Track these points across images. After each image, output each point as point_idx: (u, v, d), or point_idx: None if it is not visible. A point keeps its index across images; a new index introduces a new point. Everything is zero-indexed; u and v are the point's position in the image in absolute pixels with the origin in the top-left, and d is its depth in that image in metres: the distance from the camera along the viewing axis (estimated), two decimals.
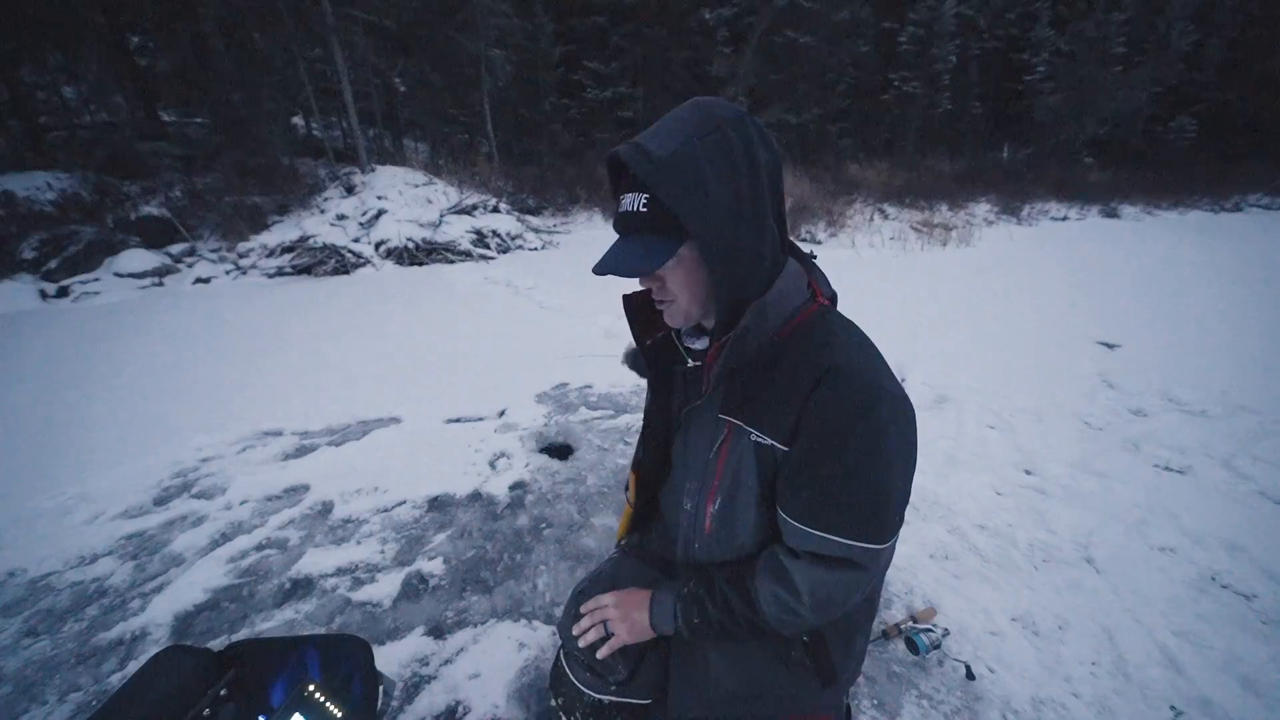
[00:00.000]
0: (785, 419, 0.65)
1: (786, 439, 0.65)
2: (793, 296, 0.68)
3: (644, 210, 0.61)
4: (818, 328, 0.68)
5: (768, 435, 0.66)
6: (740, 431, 0.69)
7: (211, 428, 2.61)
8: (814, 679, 0.77)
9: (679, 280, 0.66)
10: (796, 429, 0.64)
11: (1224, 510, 1.91)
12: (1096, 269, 6.31)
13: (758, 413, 0.68)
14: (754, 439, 0.68)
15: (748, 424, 0.68)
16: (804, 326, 0.68)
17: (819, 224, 8.86)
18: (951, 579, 1.61)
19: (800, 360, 0.65)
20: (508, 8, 10.27)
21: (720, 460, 0.72)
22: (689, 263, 0.64)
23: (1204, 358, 3.35)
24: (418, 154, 11.87)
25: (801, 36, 12.35)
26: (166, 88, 10.09)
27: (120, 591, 1.63)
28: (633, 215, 0.62)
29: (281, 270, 6.33)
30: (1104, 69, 14.56)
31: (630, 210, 0.62)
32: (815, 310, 0.70)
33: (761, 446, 0.68)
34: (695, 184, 0.57)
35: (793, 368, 0.65)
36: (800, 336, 0.67)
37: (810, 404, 0.62)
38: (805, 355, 0.65)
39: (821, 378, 0.62)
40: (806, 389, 0.63)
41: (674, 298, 0.67)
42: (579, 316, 4.47)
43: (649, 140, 0.59)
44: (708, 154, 0.57)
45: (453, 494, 2.07)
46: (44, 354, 3.88)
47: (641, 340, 0.82)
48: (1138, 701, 1.23)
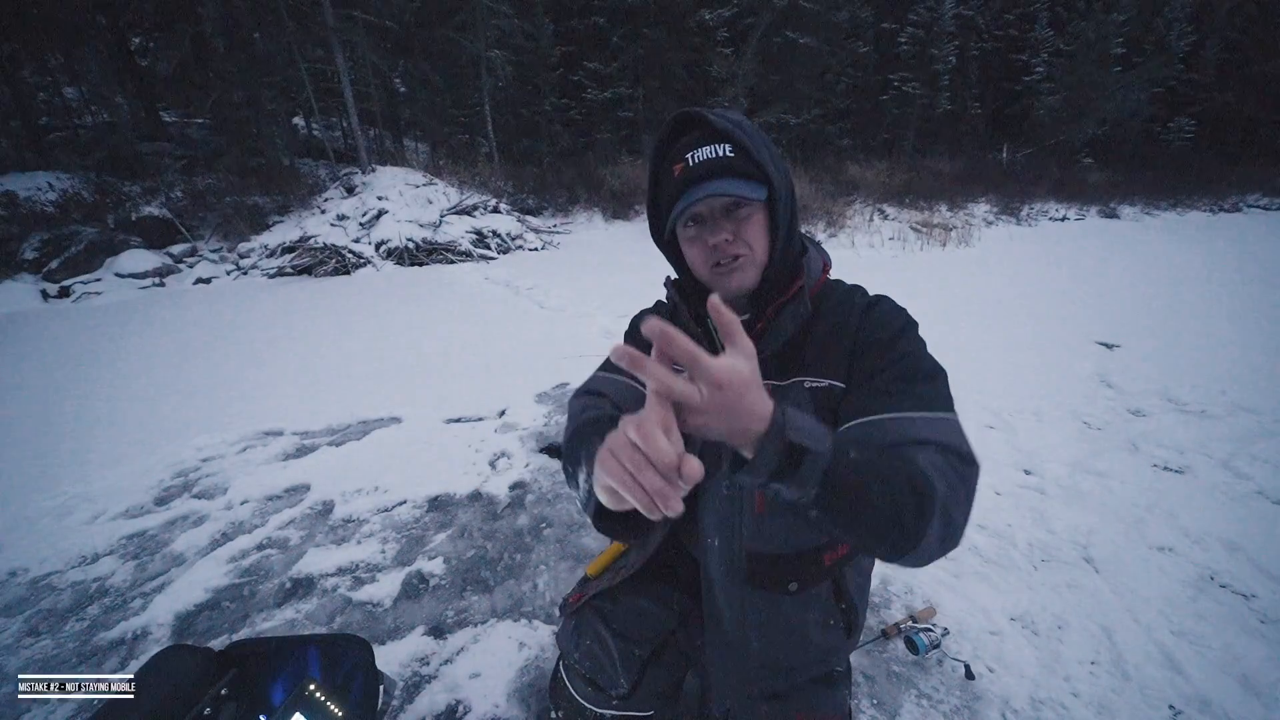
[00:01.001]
0: (838, 358, 0.69)
1: (843, 375, 0.68)
2: (814, 264, 0.76)
3: (732, 155, 0.65)
4: (837, 287, 0.77)
5: (823, 378, 0.69)
6: (785, 389, 0.70)
7: (212, 427, 2.62)
8: (843, 636, 0.80)
9: (757, 229, 0.68)
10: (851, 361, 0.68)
11: (1223, 510, 1.91)
12: (1096, 269, 6.32)
13: (806, 364, 0.71)
14: (809, 385, 0.69)
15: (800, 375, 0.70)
16: (826, 289, 0.76)
17: (819, 224, 8.87)
18: (951, 579, 1.62)
19: (838, 309, 0.73)
20: (508, 8, 10.28)
21: None
22: (761, 218, 0.68)
23: (1203, 358, 3.36)
24: (418, 154, 11.88)
25: (801, 37, 12.36)
26: (167, 88, 10.11)
27: (121, 591, 1.64)
28: (719, 160, 0.65)
29: (282, 270, 6.34)
30: (1103, 69, 14.58)
31: (715, 157, 0.65)
32: (825, 279, 0.78)
33: (819, 390, 0.69)
34: (766, 146, 0.67)
35: (833, 316, 0.72)
36: (827, 296, 0.75)
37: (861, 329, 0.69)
38: (841, 305, 0.73)
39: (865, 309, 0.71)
40: (854, 325, 0.70)
41: (748, 250, 0.68)
42: (579, 316, 4.47)
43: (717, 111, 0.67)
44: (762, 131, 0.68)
45: (453, 494, 2.07)
46: (45, 354, 3.88)
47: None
48: (1137, 701, 1.23)
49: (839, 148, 15.13)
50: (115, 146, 7.83)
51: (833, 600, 0.78)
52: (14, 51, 7.69)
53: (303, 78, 8.43)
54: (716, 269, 0.68)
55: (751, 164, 0.65)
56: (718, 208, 0.66)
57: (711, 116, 0.65)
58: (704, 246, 0.68)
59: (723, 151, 0.64)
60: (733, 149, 0.64)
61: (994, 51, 16.83)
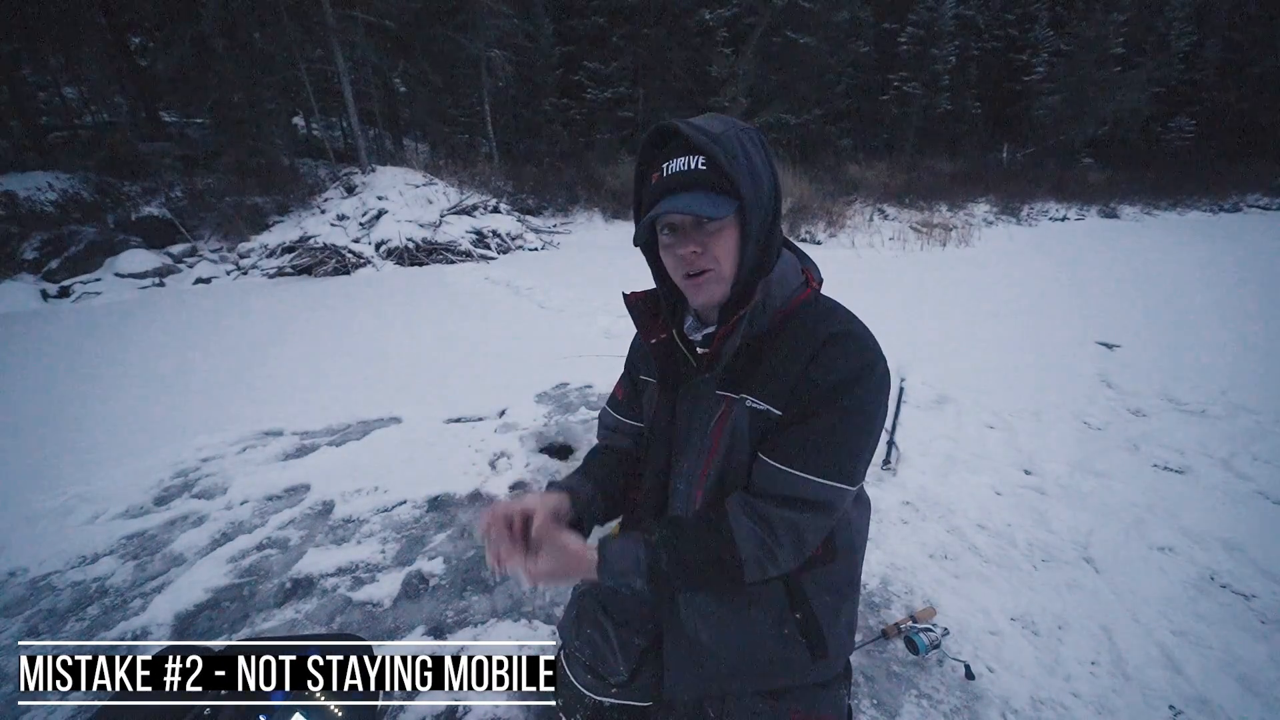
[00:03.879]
0: (782, 386, 0.69)
1: (781, 404, 0.69)
2: (790, 279, 0.74)
3: (704, 168, 0.65)
4: (814, 307, 0.74)
5: (763, 401, 0.70)
6: (735, 403, 0.72)
7: (212, 428, 2.62)
8: (804, 651, 0.77)
9: (726, 244, 0.68)
10: (793, 393, 0.68)
11: (1223, 510, 1.91)
12: (1096, 269, 6.32)
13: (755, 383, 0.71)
14: (749, 404, 0.71)
15: (745, 393, 0.71)
16: (800, 307, 0.74)
17: (819, 224, 8.87)
18: (951, 579, 1.62)
19: (801, 333, 0.71)
20: (508, 8, 10.28)
21: (716, 434, 0.74)
22: (732, 232, 0.68)
23: (1203, 358, 3.36)
24: (418, 154, 11.88)
25: (801, 37, 12.36)
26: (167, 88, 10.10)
27: (121, 591, 1.63)
28: (691, 172, 0.65)
29: (282, 270, 6.33)
30: (1103, 69, 14.58)
31: (687, 169, 0.65)
32: (809, 294, 0.75)
33: (756, 412, 0.71)
34: (744, 157, 0.65)
35: (793, 340, 0.70)
36: (797, 316, 0.73)
37: (814, 364, 0.68)
38: (805, 329, 0.71)
39: (826, 341, 0.69)
40: (808, 356, 0.68)
41: (716, 264, 0.69)
42: (579, 316, 4.47)
43: (695, 122, 0.66)
44: (748, 139, 0.67)
45: (453, 494, 2.07)
46: (45, 354, 3.88)
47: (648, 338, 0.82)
48: (1137, 701, 1.23)
49: (839, 148, 15.12)
50: (115, 146, 7.82)
51: (786, 605, 0.77)
52: (14, 51, 7.68)
53: (303, 78, 8.43)
54: (687, 279, 0.71)
55: (723, 178, 0.64)
56: (688, 220, 0.67)
57: (685, 129, 0.65)
58: (676, 256, 0.70)
59: (695, 164, 0.65)
60: (705, 162, 0.64)
61: (994, 51, 16.82)
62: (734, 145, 0.65)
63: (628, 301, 0.84)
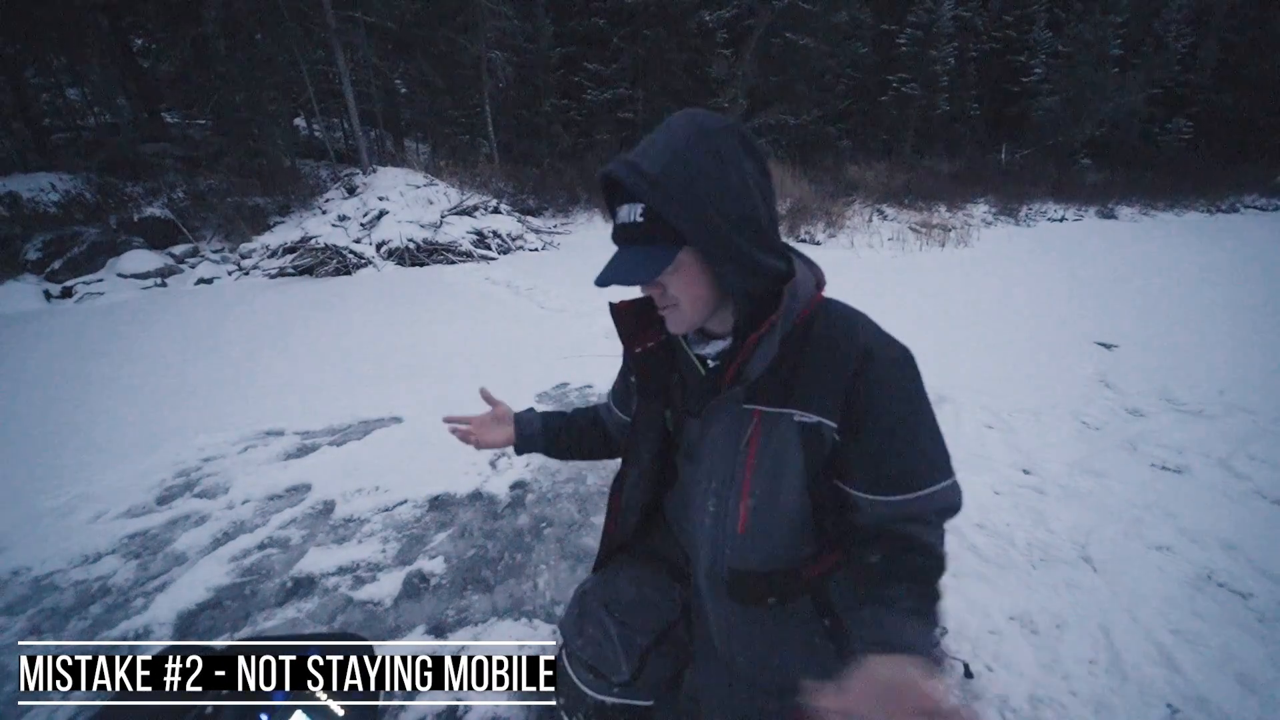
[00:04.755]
0: (831, 396, 0.67)
1: (836, 415, 0.67)
2: (807, 283, 0.71)
3: (640, 220, 0.62)
4: (829, 311, 0.72)
5: (814, 413, 0.67)
6: (775, 418, 0.69)
7: (213, 427, 2.62)
8: (833, 655, 0.78)
9: (680, 285, 0.66)
10: (847, 407, 0.66)
11: (1221, 509, 1.92)
12: (1094, 269, 6.32)
13: (796, 394, 0.68)
14: (798, 419, 0.68)
15: (787, 406, 0.69)
16: (817, 311, 0.71)
17: (818, 225, 8.87)
18: (950, 578, 1.61)
19: (830, 340, 0.68)
20: (508, 10, 10.30)
21: (751, 452, 0.71)
22: (689, 267, 0.65)
23: (1201, 358, 3.36)
24: (419, 155, 11.90)
25: (801, 38, 12.38)
26: (169, 89, 10.13)
27: (123, 590, 1.64)
28: (630, 226, 0.64)
29: (283, 271, 6.34)
30: (1101, 71, 14.59)
31: (627, 221, 0.64)
32: (820, 299, 0.73)
33: (807, 426, 0.68)
34: (688, 192, 0.59)
35: (826, 347, 0.68)
36: (817, 320, 0.70)
37: (861, 385, 0.66)
38: (833, 336, 0.68)
39: (864, 357, 0.66)
40: (850, 368, 0.66)
41: (676, 302, 0.68)
42: (579, 316, 4.48)
43: (640, 157, 0.61)
44: (699, 163, 0.59)
45: (454, 493, 2.08)
46: (48, 354, 3.89)
47: (631, 348, 0.82)
48: (1135, 699, 1.24)
49: (838, 148, 15.14)
50: (117, 147, 7.84)
51: (815, 615, 0.78)
52: (17, 53, 7.70)
53: (304, 79, 8.45)
54: (661, 311, 0.71)
55: (659, 227, 0.61)
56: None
57: (624, 175, 0.61)
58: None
59: (633, 216, 0.63)
60: (642, 212, 0.62)
61: (993, 53, 16.83)
62: (678, 181, 0.58)
63: (615, 311, 0.82)
